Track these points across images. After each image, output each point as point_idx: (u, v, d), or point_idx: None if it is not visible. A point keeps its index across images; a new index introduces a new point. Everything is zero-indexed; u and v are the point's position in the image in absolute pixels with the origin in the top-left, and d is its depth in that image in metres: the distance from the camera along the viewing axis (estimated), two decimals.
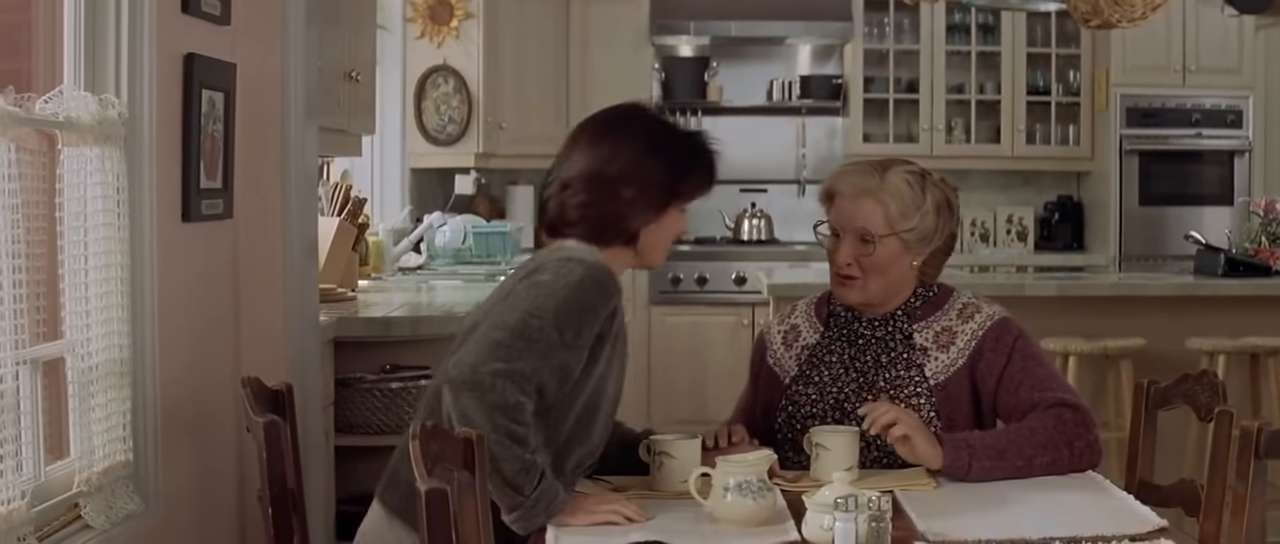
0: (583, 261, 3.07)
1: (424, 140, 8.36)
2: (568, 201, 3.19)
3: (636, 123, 3.25)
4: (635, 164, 3.17)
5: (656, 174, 3.19)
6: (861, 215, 3.54)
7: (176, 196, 3.59)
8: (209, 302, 3.83)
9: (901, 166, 3.56)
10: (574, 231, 3.18)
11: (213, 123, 3.70)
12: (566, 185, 3.21)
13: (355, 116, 5.18)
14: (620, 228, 3.19)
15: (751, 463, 2.97)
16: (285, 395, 3.23)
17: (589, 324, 3.05)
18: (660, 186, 3.20)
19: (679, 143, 3.25)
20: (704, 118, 9.69)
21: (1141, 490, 3.43)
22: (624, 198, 3.17)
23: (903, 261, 3.54)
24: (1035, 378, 3.46)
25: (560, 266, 3.05)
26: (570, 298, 3.00)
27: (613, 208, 3.17)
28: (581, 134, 3.26)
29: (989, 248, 9.46)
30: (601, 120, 3.27)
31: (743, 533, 2.87)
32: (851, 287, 3.57)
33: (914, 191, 3.52)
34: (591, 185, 3.18)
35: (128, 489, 3.40)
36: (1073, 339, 6.30)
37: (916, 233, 3.52)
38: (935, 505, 3.07)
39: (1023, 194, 9.67)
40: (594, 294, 3.05)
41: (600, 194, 3.17)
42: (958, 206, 3.63)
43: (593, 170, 3.18)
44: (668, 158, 3.21)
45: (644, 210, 3.19)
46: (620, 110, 3.29)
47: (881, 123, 9.43)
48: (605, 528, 2.92)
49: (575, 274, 3.03)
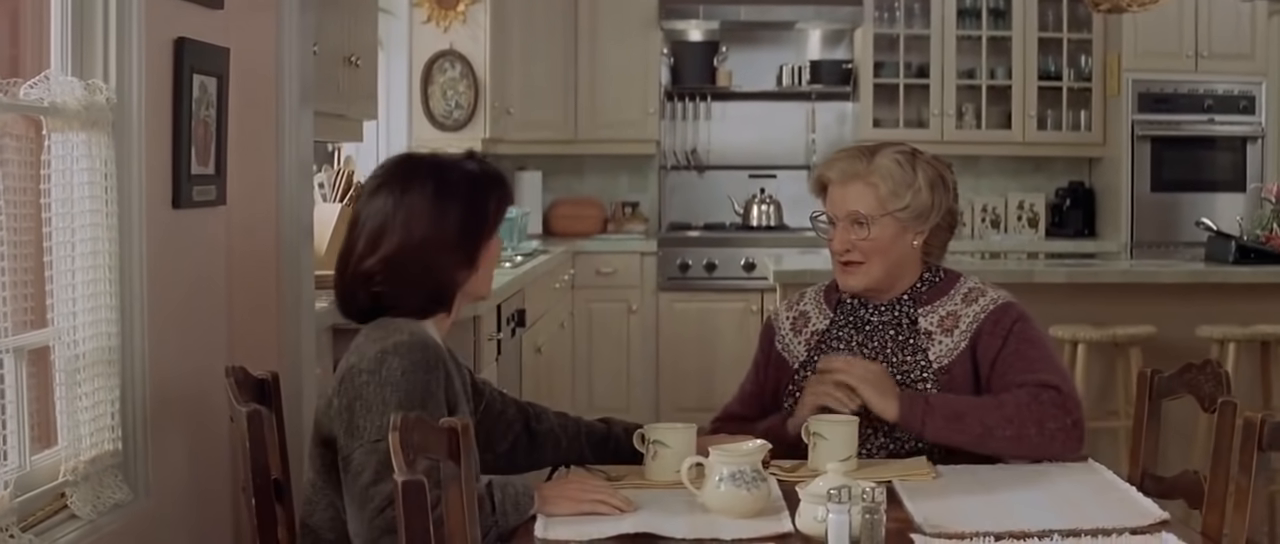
0: (397, 351, 2.90)
1: (431, 125, 8.33)
2: (378, 290, 3.04)
3: (414, 178, 3.06)
4: (432, 226, 3.02)
5: (455, 224, 3.04)
6: (853, 199, 3.52)
7: (167, 183, 3.54)
8: (201, 289, 3.79)
9: (891, 148, 3.55)
10: (392, 314, 3.04)
11: (205, 108, 3.65)
12: (368, 276, 3.04)
13: (356, 102, 5.14)
14: (441, 295, 3.07)
15: (746, 453, 2.93)
16: (271, 384, 3.18)
17: (438, 400, 2.94)
18: (466, 235, 3.06)
19: (463, 180, 3.08)
20: (713, 103, 9.69)
21: (1145, 482, 3.37)
22: (434, 266, 3.03)
23: (902, 241, 3.53)
24: (1027, 360, 3.44)
25: (376, 366, 2.90)
26: (405, 398, 2.86)
27: (429, 279, 3.04)
28: (361, 205, 3.08)
29: (1000, 234, 9.40)
30: (376, 184, 3.09)
31: (736, 524, 2.83)
32: (854, 272, 3.55)
33: (904, 170, 3.50)
34: (395, 266, 3.02)
35: (116, 478, 3.36)
36: (1082, 327, 6.26)
37: (911, 210, 3.50)
38: (934, 496, 3.04)
39: (1034, 180, 9.61)
40: (423, 379, 2.91)
41: (408, 271, 3.03)
42: (953, 182, 3.60)
43: (391, 250, 3.02)
44: (460, 201, 3.04)
45: (459, 267, 3.07)
46: (393, 168, 3.10)
47: (892, 108, 9.37)
48: (594, 517, 2.87)
49: (395, 370, 2.89)
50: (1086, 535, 2.73)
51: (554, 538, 2.76)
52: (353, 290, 3.07)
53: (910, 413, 3.34)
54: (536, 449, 3.40)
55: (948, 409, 3.35)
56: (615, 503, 2.91)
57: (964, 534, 2.74)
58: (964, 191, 9.40)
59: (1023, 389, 3.37)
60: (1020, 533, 2.73)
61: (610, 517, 2.87)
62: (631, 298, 9.08)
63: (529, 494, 2.90)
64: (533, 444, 3.40)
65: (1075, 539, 2.71)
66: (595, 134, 9.34)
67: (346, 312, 3.12)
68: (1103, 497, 3.05)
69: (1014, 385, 3.40)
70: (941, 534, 2.75)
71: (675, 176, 9.79)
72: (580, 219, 9.51)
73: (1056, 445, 3.33)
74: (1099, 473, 3.28)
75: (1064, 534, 2.72)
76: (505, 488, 2.88)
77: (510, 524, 2.85)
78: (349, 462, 2.85)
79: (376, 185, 3.08)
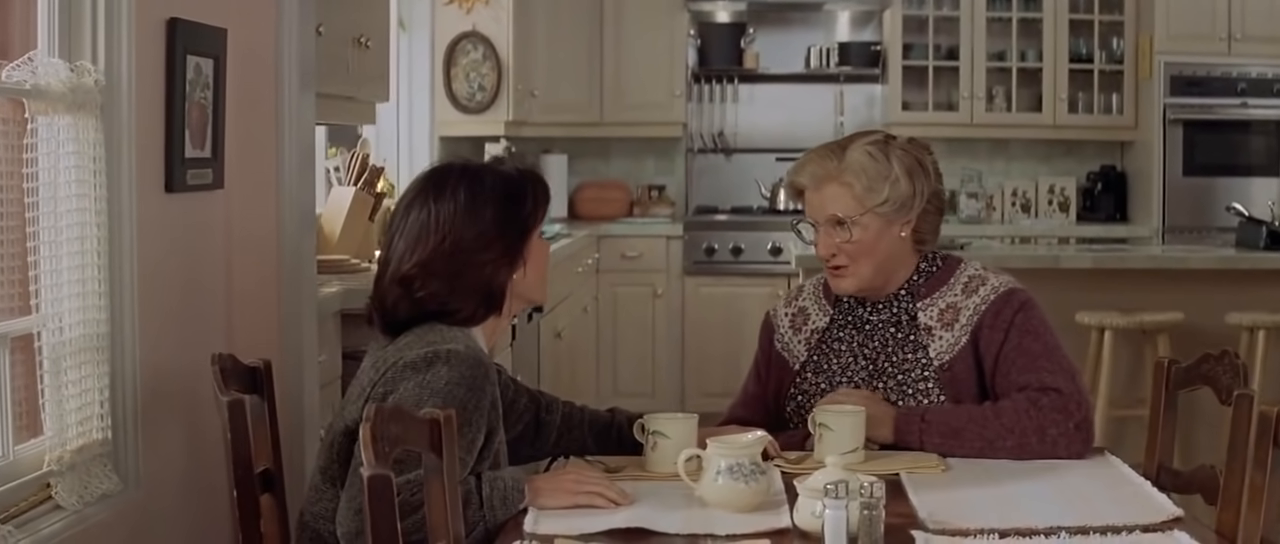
0: (448, 360, 2.84)
1: (453, 108, 8.27)
2: (418, 296, 2.96)
3: (446, 184, 3.01)
4: (467, 225, 2.97)
5: (493, 223, 2.98)
6: (830, 202, 3.41)
7: (159, 166, 3.47)
8: (196, 274, 3.71)
9: (862, 139, 3.43)
10: (446, 321, 2.97)
11: (200, 90, 3.58)
12: (407, 280, 2.97)
13: (366, 83, 5.06)
14: (486, 297, 3.00)
15: (745, 445, 2.85)
16: (263, 372, 3.11)
17: (477, 426, 2.86)
18: (506, 233, 3.00)
19: (497, 181, 3.03)
20: (741, 85, 9.60)
21: (1161, 476, 3.28)
22: (475, 265, 2.97)
23: (888, 236, 3.42)
24: (1029, 356, 3.34)
25: (423, 366, 2.83)
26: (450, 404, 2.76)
27: (469, 281, 2.97)
28: (396, 221, 3.03)
29: (1030, 219, 9.28)
30: (410, 198, 3.03)
31: (733, 518, 2.75)
32: (843, 276, 3.45)
33: (877, 162, 3.38)
34: (434, 269, 2.96)
35: (105, 468, 3.30)
36: (1108, 313, 6.17)
37: (891, 203, 3.39)
38: (941, 490, 2.96)
39: (1065, 164, 9.47)
40: (467, 397, 2.83)
41: (448, 273, 2.96)
42: (932, 165, 3.47)
43: (428, 254, 2.96)
44: (496, 201, 2.99)
45: (502, 265, 3.00)
46: (425, 179, 3.05)
47: (921, 90, 9.26)
48: (585, 511, 2.79)
49: (441, 377, 2.83)
50: (1095, 533, 2.64)
51: (543, 532, 2.68)
52: (393, 299, 2.98)
53: (907, 432, 3.27)
54: (540, 439, 3.35)
55: (944, 426, 3.26)
56: (610, 496, 2.83)
57: (968, 531, 2.65)
58: (994, 175, 9.35)
59: (1022, 394, 3.28)
60: (1027, 530, 2.64)
61: (603, 510, 2.79)
62: (657, 282, 9.01)
63: (519, 488, 2.83)
64: (538, 433, 3.34)
65: (1084, 537, 2.62)
66: (621, 116, 9.28)
67: (386, 324, 3.03)
68: (1116, 492, 2.96)
69: (1015, 387, 3.30)
70: (945, 530, 2.66)
71: (702, 159, 9.71)
72: (606, 202, 9.44)
73: (1059, 451, 3.24)
74: (1114, 467, 3.19)
75: (1073, 532, 2.63)
76: (494, 482, 2.81)
77: (498, 520, 2.78)
78: None
79: (409, 200, 3.03)
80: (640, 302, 8.97)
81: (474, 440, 2.84)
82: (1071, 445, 3.24)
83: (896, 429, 3.28)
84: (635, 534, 2.67)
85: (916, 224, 3.44)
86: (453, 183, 3.00)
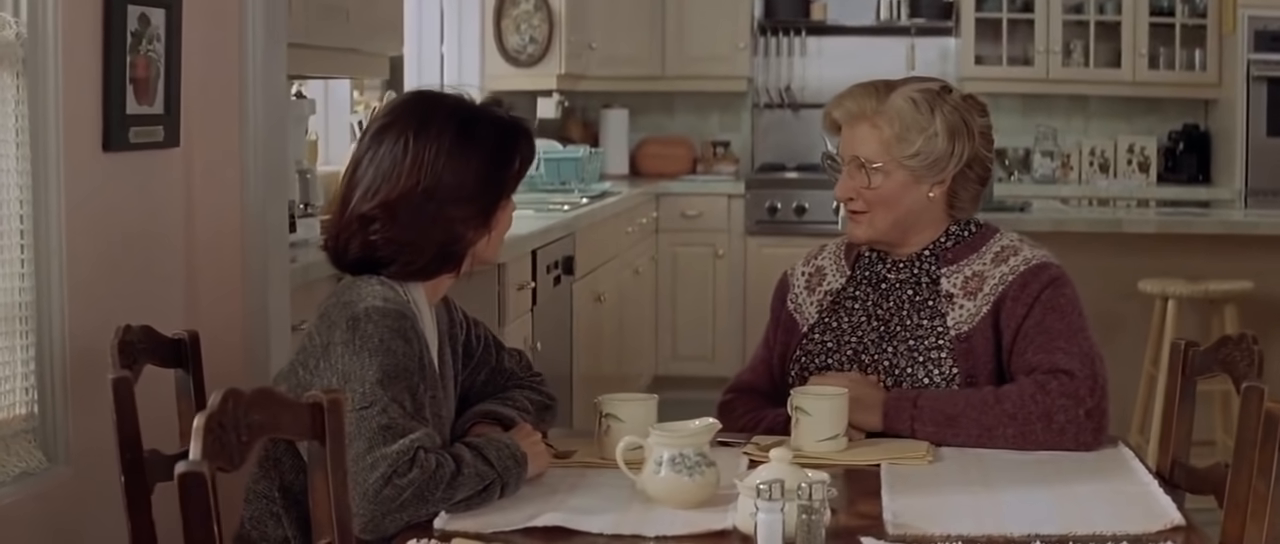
0: (369, 317, 2.57)
1: (503, 61, 8.10)
2: (373, 238, 2.67)
3: (433, 118, 2.70)
4: (448, 173, 2.66)
5: (476, 176, 2.69)
6: (858, 143, 3.14)
7: (96, 124, 3.23)
8: (145, 239, 3.48)
9: (913, 84, 3.13)
10: (389, 271, 2.69)
11: (147, 42, 3.35)
12: (366, 220, 2.67)
13: (372, 34, 4.80)
14: (446, 254, 2.71)
15: (690, 433, 2.58)
16: (188, 345, 2.89)
17: (421, 376, 2.62)
18: (486, 191, 2.71)
19: (490, 130, 2.72)
20: (809, 37, 9.31)
21: (1175, 472, 2.97)
22: (446, 218, 2.68)
23: (913, 193, 3.13)
24: (1048, 335, 3.04)
25: (350, 333, 2.57)
26: (390, 364, 2.54)
27: (434, 234, 2.68)
28: (366, 144, 2.72)
29: (1107, 179, 8.92)
30: (386, 121, 2.73)
31: (671, 517, 2.49)
32: (859, 222, 3.18)
33: (919, 112, 3.08)
34: (399, 213, 2.66)
35: (29, 444, 3.09)
36: (1173, 281, 5.85)
37: (921, 158, 3.09)
38: (919, 487, 2.69)
39: (1145, 122, 9.07)
40: (406, 349, 2.58)
41: (414, 221, 2.66)
42: (982, 129, 3.16)
43: (397, 193, 2.65)
44: (486, 152, 2.70)
45: (472, 224, 2.71)
46: (410, 106, 2.75)
47: (995, 44, 8.92)
48: (506, 506, 2.55)
49: (372, 336, 2.56)
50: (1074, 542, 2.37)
51: (455, 529, 2.43)
52: (346, 239, 2.70)
53: (896, 419, 3.01)
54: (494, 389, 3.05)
55: (938, 413, 2.99)
56: None
57: (932, 538, 2.40)
58: (1071, 134, 9.02)
59: (1030, 377, 2.99)
60: (1000, 538, 2.39)
61: (523, 505, 2.54)
62: (718, 242, 8.76)
63: (520, 452, 2.63)
64: (493, 384, 3.05)
65: None
66: (683, 70, 9.04)
67: (337, 263, 2.77)
68: (1116, 493, 2.66)
69: (1026, 368, 3.02)
70: (904, 537, 2.41)
71: (768, 115, 9.43)
72: (669, 159, 9.21)
73: (1066, 440, 2.95)
74: (1124, 462, 2.88)
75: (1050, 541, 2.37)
76: (499, 449, 2.60)
77: (515, 484, 2.60)
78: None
79: (386, 123, 2.71)
80: (700, 262, 8.72)
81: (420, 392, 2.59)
82: (1080, 435, 2.95)
83: (886, 414, 3.02)
84: (557, 533, 2.43)
85: (952, 188, 3.15)
86: (441, 119, 2.69)
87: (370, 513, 2.43)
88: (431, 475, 2.46)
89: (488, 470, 2.54)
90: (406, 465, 2.45)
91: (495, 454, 2.57)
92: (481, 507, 2.53)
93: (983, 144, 3.17)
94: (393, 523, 2.44)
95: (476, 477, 2.52)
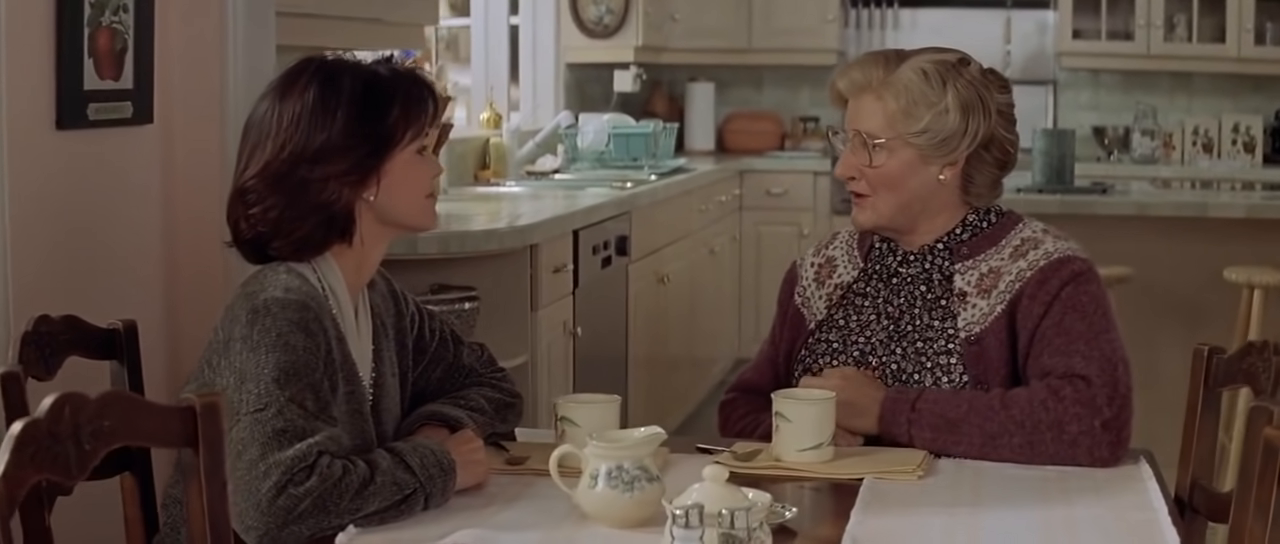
0: (267, 310, 2.39)
1: (579, 32, 7.90)
2: (253, 216, 2.50)
3: (298, 80, 2.52)
4: (311, 132, 2.47)
5: (341, 130, 2.48)
6: (862, 116, 2.88)
7: (48, 101, 3.05)
8: (112, 222, 3.30)
9: (926, 55, 2.87)
10: (276, 248, 2.51)
11: (111, 13, 3.17)
12: (243, 193, 2.51)
13: (402, 3, 4.60)
14: (327, 221, 2.51)
15: (630, 444, 2.35)
16: (122, 336, 2.71)
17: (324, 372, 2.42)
18: (356, 143, 2.50)
19: (357, 82, 2.52)
20: (901, 10, 9.06)
21: (1194, 495, 2.69)
22: (315, 181, 2.48)
23: (920, 175, 2.86)
24: (1068, 336, 2.76)
25: (248, 329, 2.39)
26: (288, 362, 2.36)
27: (308, 200, 2.49)
28: (247, 121, 2.57)
29: (1210, 160, 8.55)
30: (261, 95, 2.58)
31: (607, 535, 2.29)
32: (862, 205, 2.91)
33: (928, 85, 2.82)
34: (270, 182, 2.48)
35: None
36: (1262, 269, 5.50)
37: (929, 136, 2.83)
38: (898, 505, 2.46)
39: (1252, 101, 8.69)
40: (307, 343, 2.40)
41: (285, 189, 2.48)
42: (1001, 105, 2.89)
43: (264, 162, 2.48)
44: (350, 105, 2.50)
45: (348, 182, 2.51)
46: (281, 74, 2.59)
47: (1094, 17, 8.56)
48: (412, 524, 2.34)
49: (269, 331, 2.37)
50: None
51: None
52: (234, 219, 2.55)
53: (892, 424, 2.76)
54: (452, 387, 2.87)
55: (939, 417, 2.73)
56: None
57: None
58: (1173, 111, 8.66)
59: (1042, 382, 2.72)
60: None
61: (433, 525, 2.32)
62: (803, 221, 8.51)
63: (450, 459, 2.43)
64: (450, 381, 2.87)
65: None
66: (769, 42, 8.81)
67: (240, 249, 2.59)
68: (1118, 520, 2.40)
69: (1040, 372, 2.75)
70: None
71: None
72: (756, 135, 8.99)
73: (1079, 454, 2.68)
74: (1139, 482, 2.60)
75: None
76: (424, 456, 2.40)
77: (442, 495, 2.40)
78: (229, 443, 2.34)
79: (264, 93, 2.58)
80: (785, 242, 8.44)
81: (324, 390, 2.39)
82: (1095, 449, 2.67)
83: (882, 419, 2.77)
84: None
85: (966, 170, 2.88)
86: (304, 80, 2.52)
87: (264, 526, 2.23)
88: (335, 483, 2.26)
89: (408, 479, 2.34)
90: (304, 473, 2.25)
91: (419, 461, 2.37)
92: (398, 520, 2.32)
93: (1001, 123, 2.90)
94: (291, 536, 2.24)
95: (394, 486, 2.32)
